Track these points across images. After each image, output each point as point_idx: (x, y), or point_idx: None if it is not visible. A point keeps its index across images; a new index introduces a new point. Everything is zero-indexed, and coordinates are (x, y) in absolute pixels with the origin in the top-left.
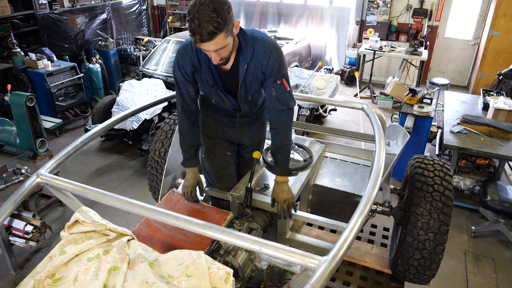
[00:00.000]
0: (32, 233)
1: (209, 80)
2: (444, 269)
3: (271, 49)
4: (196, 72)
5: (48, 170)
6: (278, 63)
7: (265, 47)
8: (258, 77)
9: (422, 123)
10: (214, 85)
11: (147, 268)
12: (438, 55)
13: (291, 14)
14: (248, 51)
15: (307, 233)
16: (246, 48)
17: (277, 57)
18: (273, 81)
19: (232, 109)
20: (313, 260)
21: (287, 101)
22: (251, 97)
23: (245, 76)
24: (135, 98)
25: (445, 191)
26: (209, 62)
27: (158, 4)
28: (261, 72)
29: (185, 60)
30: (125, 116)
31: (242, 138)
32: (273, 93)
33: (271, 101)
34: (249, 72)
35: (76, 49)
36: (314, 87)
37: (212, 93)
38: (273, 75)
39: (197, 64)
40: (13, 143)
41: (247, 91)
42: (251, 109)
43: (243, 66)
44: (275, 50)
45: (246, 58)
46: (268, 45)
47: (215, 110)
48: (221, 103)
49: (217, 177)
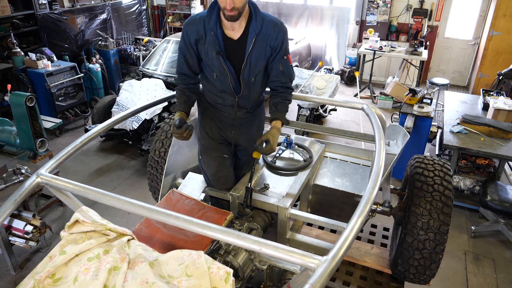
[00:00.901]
0: (32, 233)
1: (215, 46)
2: (444, 269)
3: (280, 24)
4: (200, 42)
5: (48, 170)
6: (286, 38)
7: (274, 22)
8: (266, 52)
9: (422, 123)
10: (219, 52)
11: (147, 268)
12: (438, 55)
13: (291, 14)
14: (258, 22)
15: (307, 233)
16: (257, 18)
17: (285, 32)
18: (281, 57)
19: (233, 88)
20: (313, 260)
21: (290, 75)
22: (253, 79)
23: (252, 48)
24: (135, 98)
25: (445, 191)
26: (217, 29)
27: (158, 4)
28: (269, 46)
29: (191, 29)
30: (125, 116)
31: (239, 138)
32: (280, 68)
33: (276, 75)
34: (256, 45)
35: (76, 49)
36: (314, 87)
37: (216, 64)
38: (281, 49)
39: (202, 32)
40: (13, 143)
41: (251, 69)
42: (250, 97)
43: (252, 36)
44: (283, 27)
45: (256, 29)
46: (277, 21)
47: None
48: (222, 78)
49: (214, 178)
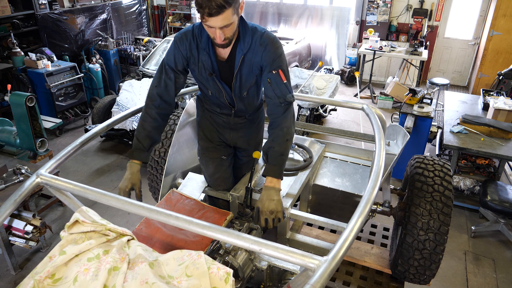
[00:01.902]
0: (32, 233)
1: (207, 68)
2: (444, 269)
3: (268, 40)
4: (191, 61)
5: (48, 170)
6: (274, 53)
7: (262, 39)
8: (254, 71)
9: (422, 123)
10: (212, 73)
11: (147, 268)
12: (438, 55)
13: (291, 14)
14: (246, 42)
15: (307, 233)
16: (245, 38)
17: (274, 48)
18: (268, 71)
19: (228, 103)
20: (313, 260)
21: (283, 94)
22: (246, 93)
23: (240, 67)
24: (135, 98)
25: (445, 191)
26: (209, 49)
27: (158, 4)
28: (257, 66)
29: (183, 45)
30: (125, 116)
31: (237, 141)
32: (268, 84)
33: (268, 93)
34: (245, 64)
35: (76, 49)
36: (314, 87)
37: (210, 83)
38: (268, 64)
39: (195, 51)
40: (13, 143)
41: (241, 85)
42: (246, 108)
43: (239, 56)
44: (272, 42)
45: (243, 49)
46: (266, 37)
47: (211, 110)
48: (217, 95)
49: (212, 179)
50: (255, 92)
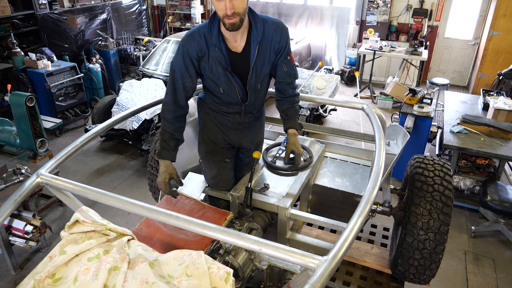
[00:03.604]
0: (32, 233)
1: (221, 62)
2: (444, 269)
3: (282, 26)
4: (203, 59)
5: (48, 170)
6: (288, 39)
7: (275, 25)
8: (270, 58)
9: (422, 123)
10: (226, 68)
11: (147, 268)
12: (438, 55)
13: (291, 14)
14: (258, 30)
15: (307, 233)
16: (256, 26)
17: (287, 33)
18: (284, 57)
19: (240, 98)
20: (313, 260)
21: (295, 74)
22: (260, 85)
23: (257, 57)
24: (135, 98)
25: (445, 191)
26: (220, 44)
27: (158, 4)
28: (273, 51)
29: (192, 46)
30: (125, 116)
31: (243, 141)
32: (285, 69)
33: (282, 76)
34: (260, 53)
35: (76, 49)
36: (314, 87)
37: (222, 79)
38: (284, 51)
39: (205, 49)
40: (13, 143)
41: (257, 77)
42: (256, 101)
43: (254, 45)
44: (285, 28)
45: (258, 37)
46: (277, 23)
47: (217, 110)
48: (229, 91)
49: (214, 181)
50: (266, 83)
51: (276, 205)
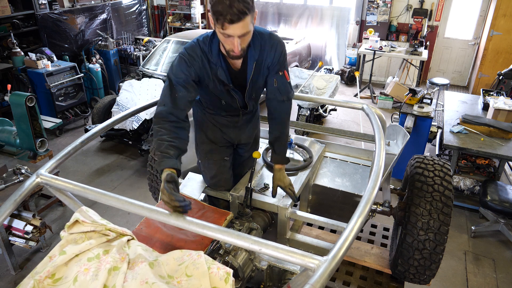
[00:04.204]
0: (32, 233)
1: (223, 79)
2: (444, 269)
3: (277, 42)
4: (206, 77)
5: (48, 170)
6: (281, 55)
7: (271, 41)
8: (264, 73)
9: (422, 123)
10: (228, 85)
11: (147, 268)
12: (438, 55)
13: (291, 14)
14: (256, 47)
15: (307, 233)
16: (254, 44)
17: (282, 50)
18: (276, 72)
19: (240, 107)
20: (313, 260)
21: (287, 92)
22: (255, 94)
23: (254, 73)
24: (135, 98)
25: (445, 191)
26: (221, 62)
27: (158, 4)
28: (266, 67)
29: (196, 63)
30: (125, 116)
31: (241, 137)
32: (275, 84)
33: (272, 91)
34: (257, 69)
35: (76, 49)
36: (314, 87)
37: (224, 94)
38: (276, 66)
39: (207, 66)
40: (13, 143)
41: (253, 89)
42: (253, 105)
43: (251, 63)
44: (280, 44)
45: (255, 55)
46: (274, 38)
47: (214, 113)
48: (230, 102)
49: (214, 181)
50: (261, 90)
51: (276, 205)
